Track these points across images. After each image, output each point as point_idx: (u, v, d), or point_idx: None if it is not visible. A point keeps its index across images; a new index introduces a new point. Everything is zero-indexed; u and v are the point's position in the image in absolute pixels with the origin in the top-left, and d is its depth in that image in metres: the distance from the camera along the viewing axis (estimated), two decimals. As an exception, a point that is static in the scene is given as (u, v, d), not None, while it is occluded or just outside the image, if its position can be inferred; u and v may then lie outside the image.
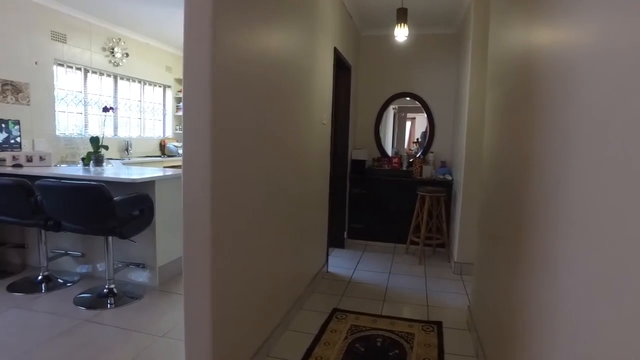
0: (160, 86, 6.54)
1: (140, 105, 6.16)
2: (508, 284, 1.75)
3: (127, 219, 2.85)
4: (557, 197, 1.19)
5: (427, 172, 4.70)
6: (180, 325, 2.55)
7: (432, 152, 4.96)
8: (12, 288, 3.17)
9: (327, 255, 3.91)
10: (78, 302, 2.93)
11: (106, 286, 3.02)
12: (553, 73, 1.30)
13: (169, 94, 6.75)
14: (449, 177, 4.56)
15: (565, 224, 1.12)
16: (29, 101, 4.22)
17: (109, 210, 2.69)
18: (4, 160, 3.65)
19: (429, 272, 3.91)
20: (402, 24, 3.69)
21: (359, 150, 4.89)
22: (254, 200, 2.09)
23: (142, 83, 6.13)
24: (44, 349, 2.32)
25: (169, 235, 3.35)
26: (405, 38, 3.88)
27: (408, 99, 5.09)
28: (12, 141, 3.81)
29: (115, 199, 2.73)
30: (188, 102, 1.66)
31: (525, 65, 1.67)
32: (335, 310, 2.97)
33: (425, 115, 5.03)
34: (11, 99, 4.05)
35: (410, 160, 4.97)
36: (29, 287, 3.19)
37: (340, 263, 4.12)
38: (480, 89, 3.50)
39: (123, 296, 3.03)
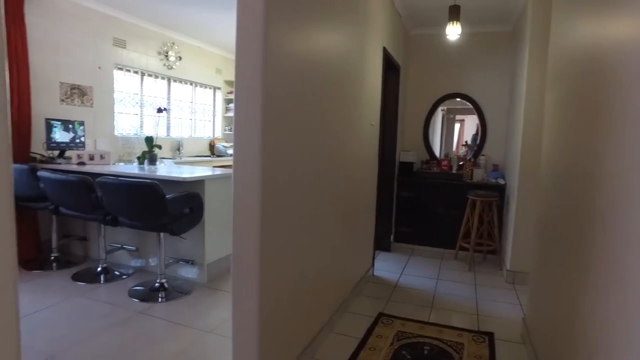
0: (210, 88, 6.74)
1: (191, 107, 6.39)
2: (572, 295, 1.63)
3: (178, 216, 2.95)
4: (635, 200, 1.08)
5: (478, 175, 4.52)
6: (227, 322, 2.61)
7: (483, 155, 4.77)
8: (76, 277, 3.38)
9: (374, 258, 3.85)
10: (132, 294, 3.07)
11: (158, 280, 3.14)
12: (631, 69, 1.19)
13: (219, 95, 6.95)
14: (501, 181, 4.36)
15: (644, 235, 1.02)
16: (92, 103, 4.50)
17: (161, 207, 2.80)
18: (70, 158, 3.90)
19: (479, 279, 3.75)
20: (455, 22, 3.57)
21: (407, 152, 4.79)
22: (302, 201, 2.08)
23: (193, 85, 6.35)
24: (103, 336, 2.45)
25: (217, 233, 3.44)
26: (458, 36, 3.75)
27: (458, 99, 4.92)
28: (77, 140, 4.07)
29: (167, 196, 2.83)
30: (239, 104, 1.68)
31: (595, 61, 1.54)
32: (381, 314, 2.92)
33: (476, 117, 4.84)
34: (77, 101, 4.32)
35: (461, 163, 4.80)
36: (90, 277, 3.39)
37: (386, 267, 4.05)
38: (538, 87, 3.31)
39: (173, 291, 3.14)
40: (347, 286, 3.02)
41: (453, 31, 3.61)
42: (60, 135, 3.90)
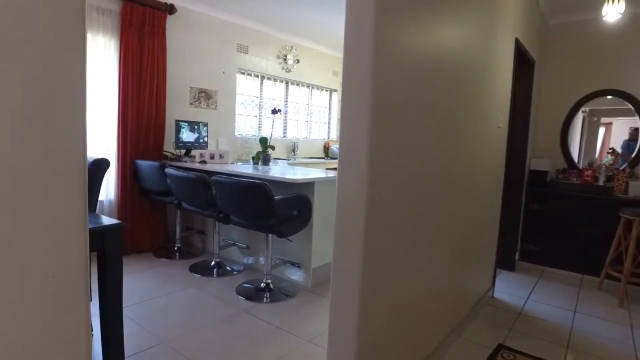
0: (326, 90, 6.80)
1: (307, 109, 6.50)
2: None
3: (285, 218, 2.93)
4: None
5: (636, 189, 3.70)
6: (327, 332, 2.49)
7: (643, 165, 3.90)
8: (193, 268, 3.61)
9: (494, 277, 3.40)
10: (239, 291, 3.15)
11: (264, 280, 3.17)
12: None
13: (335, 97, 6.96)
14: (669, 198, 3.50)
15: None
16: (216, 106, 4.82)
17: (269, 208, 2.79)
18: (194, 157, 4.22)
19: (637, 320, 3.03)
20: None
21: (540, 159, 4.16)
22: (412, 209, 1.85)
23: (310, 87, 6.46)
24: (208, 330, 2.53)
25: (325, 238, 3.35)
26: (620, 16, 3.07)
27: (609, 97, 4.11)
28: (201, 140, 4.39)
29: (275, 198, 2.82)
30: (346, 105, 1.54)
31: None
32: (501, 346, 2.51)
33: (637, 119, 3.98)
34: (203, 104, 4.67)
35: (610, 174, 3.99)
36: (204, 270, 3.58)
37: (508, 289, 3.54)
38: None
39: (278, 292, 3.14)
40: (461, 308, 2.67)
41: (613, 11, 2.97)
42: (187, 135, 4.24)
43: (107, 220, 1.94)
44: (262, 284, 3.17)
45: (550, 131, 4.40)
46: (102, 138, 3.79)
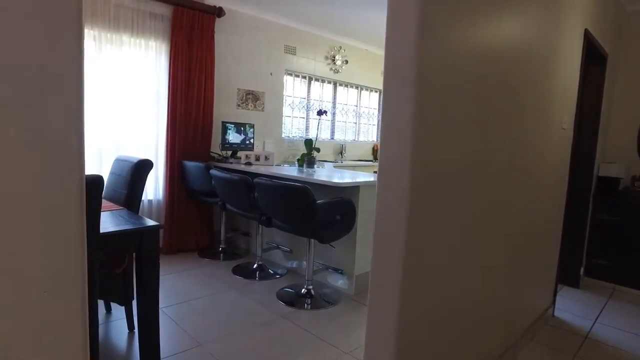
0: (375, 91, 6.63)
1: (356, 110, 6.37)
2: None
3: (328, 222, 2.82)
4: None
5: None
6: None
7: None
8: (235, 270, 3.61)
9: (555, 294, 3.08)
10: (280, 296, 3.08)
11: (305, 286, 3.09)
12: None
13: (384, 99, 6.78)
14: None
15: None
16: (263, 107, 4.83)
17: (310, 212, 2.71)
18: (239, 158, 4.24)
19: None
20: None
21: (611, 164, 3.75)
22: (460, 216, 1.68)
23: (358, 89, 6.33)
24: (244, 335, 2.48)
25: (369, 244, 3.20)
26: None
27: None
28: (247, 142, 4.40)
29: (318, 202, 2.73)
30: (388, 103, 1.41)
31: None
32: (562, 374, 2.24)
33: None
34: (251, 106, 4.70)
35: (698, 181, 3.51)
36: (247, 272, 3.57)
37: (572, 307, 3.20)
38: None
39: (319, 299, 3.04)
40: (516, 328, 2.43)
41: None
42: (233, 137, 4.27)
43: (147, 222, 1.94)
44: (303, 290, 3.09)
45: (624, 133, 3.95)
46: (152, 139, 3.90)
